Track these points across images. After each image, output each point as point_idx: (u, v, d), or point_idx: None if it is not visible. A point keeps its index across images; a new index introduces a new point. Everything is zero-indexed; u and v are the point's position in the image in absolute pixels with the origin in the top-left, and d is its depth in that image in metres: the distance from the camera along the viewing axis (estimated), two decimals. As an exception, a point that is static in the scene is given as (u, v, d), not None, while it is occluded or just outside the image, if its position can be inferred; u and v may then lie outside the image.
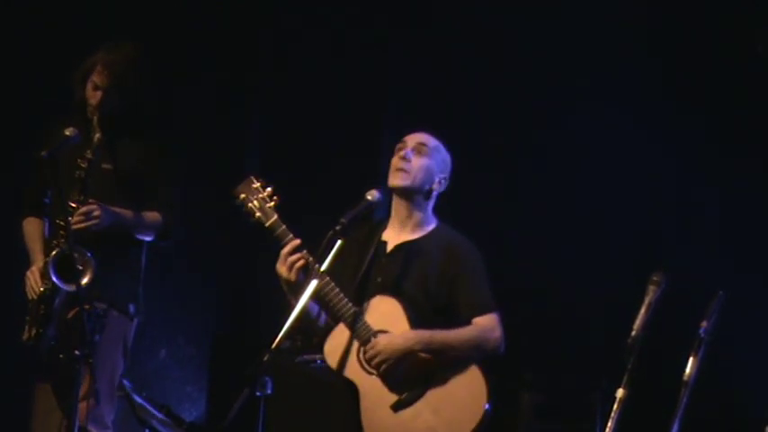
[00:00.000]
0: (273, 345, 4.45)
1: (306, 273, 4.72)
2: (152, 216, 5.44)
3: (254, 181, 4.89)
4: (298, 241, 4.76)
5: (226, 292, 7.58)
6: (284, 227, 4.80)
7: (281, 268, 4.75)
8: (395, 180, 4.91)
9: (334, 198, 4.98)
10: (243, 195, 4.87)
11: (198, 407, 7.39)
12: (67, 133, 5.18)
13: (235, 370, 6.31)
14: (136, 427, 6.20)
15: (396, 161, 4.90)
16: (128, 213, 5.37)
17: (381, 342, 4.73)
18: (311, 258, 4.72)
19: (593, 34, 6.98)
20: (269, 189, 4.86)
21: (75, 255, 5.10)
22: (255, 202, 4.84)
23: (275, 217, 4.81)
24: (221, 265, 7.49)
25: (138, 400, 6.22)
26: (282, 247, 4.76)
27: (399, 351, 4.72)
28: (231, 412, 4.40)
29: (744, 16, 6.66)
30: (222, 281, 7.57)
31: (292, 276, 4.74)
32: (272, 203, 4.84)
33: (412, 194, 4.92)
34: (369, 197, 4.79)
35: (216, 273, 7.52)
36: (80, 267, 5.11)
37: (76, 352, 4.95)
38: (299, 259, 4.74)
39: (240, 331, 7.41)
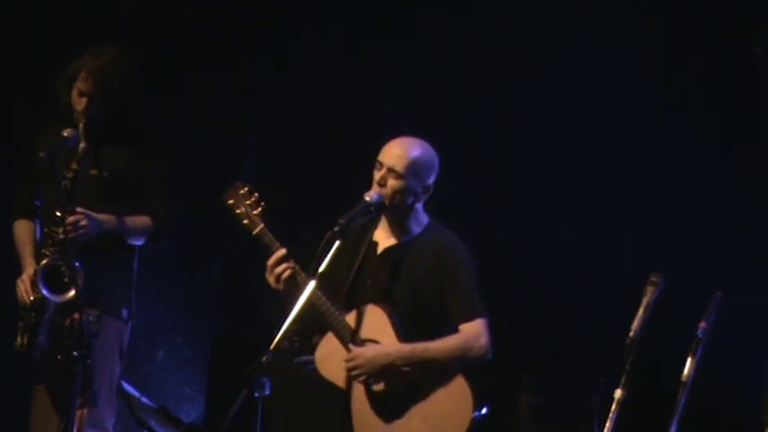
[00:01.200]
0: (272, 346, 4.45)
1: (294, 281, 4.73)
2: (142, 220, 5.41)
3: (242, 186, 4.89)
4: (283, 251, 4.77)
5: (224, 293, 7.58)
6: (270, 235, 4.82)
7: (269, 278, 4.77)
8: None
9: (332, 198, 4.97)
10: (231, 201, 4.88)
11: (196, 408, 7.39)
12: (66, 134, 5.16)
13: (233, 371, 6.32)
14: (134, 427, 6.19)
15: (374, 183, 4.84)
16: (116, 220, 5.34)
17: (364, 356, 4.75)
18: (297, 267, 4.73)
19: (592, 34, 6.97)
20: (255, 195, 4.86)
21: (63, 267, 5.10)
22: (243, 209, 4.85)
23: (261, 225, 4.82)
24: (220, 266, 7.49)
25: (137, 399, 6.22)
26: (269, 257, 4.78)
27: (379, 367, 4.74)
28: (230, 413, 4.40)
29: (742, 18, 6.67)
30: (221, 282, 7.56)
31: (280, 287, 4.76)
32: (259, 210, 4.84)
33: (393, 211, 4.88)
34: (367, 198, 4.79)
35: (214, 274, 7.52)
36: (67, 280, 5.10)
37: (75, 353, 4.95)
38: (285, 270, 4.75)
39: (238, 333, 7.40)
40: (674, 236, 6.75)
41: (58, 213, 5.15)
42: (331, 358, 4.83)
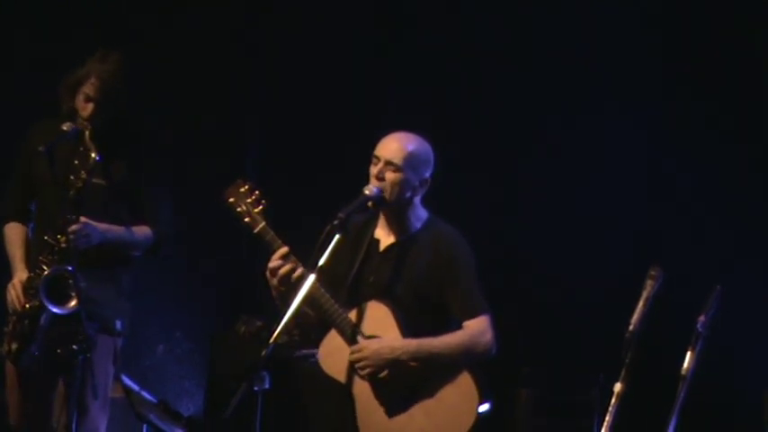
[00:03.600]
0: (271, 339, 4.45)
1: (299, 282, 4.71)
2: (142, 230, 5.35)
3: (242, 184, 4.86)
4: (285, 249, 4.75)
5: (224, 287, 7.58)
6: (272, 233, 4.79)
7: (272, 281, 4.75)
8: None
9: (333, 197, 4.97)
10: (232, 199, 4.85)
11: (196, 402, 7.40)
12: (65, 128, 5.13)
13: (233, 365, 6.33)
14: (134, 422, 6.19)
15: (371, 178, 4.83)
16: (118, 230, 5.27)
17: (369, 348, 4.74)
18: (300, 264, 4.72)
19: (592, 34, 6.98)
20: (257, 192, 4.83)
21: (70, 280, 5.06)
22: (243, 207, 4.82)
23: (263, 224, 4.79)
24: (220, 260, 7.49)
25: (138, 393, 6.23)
26: (271, 254, 4.75)
27: (385, 361, 4.73)
28: (229, 407, 4.40)
29: (744, 16, 6.67)
30: (221, 276, 7.57)
31: (282, 287, 4.73)
32: (260, 208, 4.81)
33: (392, 207, 4.87)
34: (366, 192, 4.78)
35: (214, 268, 7.52)
36: (72, 293, 5.08)
37: (74, 346, 4.94)
38: (289, 270, 4.73)
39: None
40: (673, 229, 6.76)
41: (62, 223, 5.10)
42: (334, 355, 4.82)
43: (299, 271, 4.71)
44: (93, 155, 5.11)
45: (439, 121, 6.62)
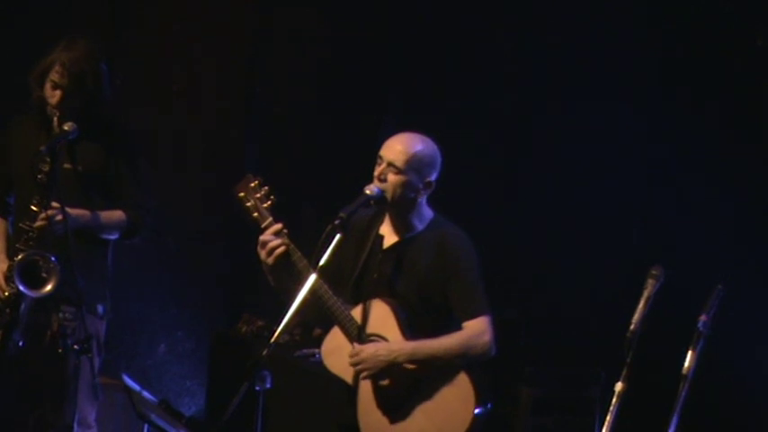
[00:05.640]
0: (272, 339, 4.45)
1: (286, 258, 4.73)
2: (116, 215, 5.35)
3: (252, 179, 4.87)
4: (279, 226, 4.77)
5: (225, 286, 7.58)
6: None
7: (260, 252, 4.76)
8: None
9: (333, 194, 4.97)
10: (242, 194, 4.86)
11: (197, 401, 7.40)
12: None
13: (234, 364, 6.33)
14: (136, 421, 6.19)
15: (375, 179, 4.84)
16: (90, 214, 5.28)
17: (366, 351, 4.75)
18: (293, 246, 4.73)
19: (591, 28, 6.99)
20: (266, 188, 4.84)
21: (41, 262, 5.07)
22: (253, 202, 4.83)
23: (270, 219, 4.80)
24: (221, 259, 7.49)
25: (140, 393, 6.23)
26: (262, 231, 4.77)
27: (382, 363, 4.74)
28: (230, 406, 4.40)
29: (744, 10, 6.67)
30: (221, 275, 7.57)
31: (270, 261, 4.75)
32: (269, 203, 4.82)
33: (395, 206, 4.87)
34: (367, 191, 4.78)
35: (215, 267, 7.52)
36: (45, 275, 5.08)
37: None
38: (279, 245, 4.74)
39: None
40: (674, 229, 6.76)
41: (34, 208, 5.11)
42: (337, 352, 4.83)
43: (297, 256, 4.72)
44: None
45: (438, 119, 6.62)
